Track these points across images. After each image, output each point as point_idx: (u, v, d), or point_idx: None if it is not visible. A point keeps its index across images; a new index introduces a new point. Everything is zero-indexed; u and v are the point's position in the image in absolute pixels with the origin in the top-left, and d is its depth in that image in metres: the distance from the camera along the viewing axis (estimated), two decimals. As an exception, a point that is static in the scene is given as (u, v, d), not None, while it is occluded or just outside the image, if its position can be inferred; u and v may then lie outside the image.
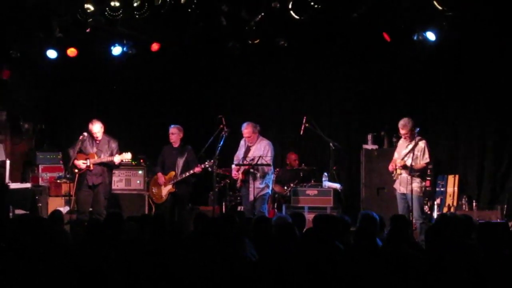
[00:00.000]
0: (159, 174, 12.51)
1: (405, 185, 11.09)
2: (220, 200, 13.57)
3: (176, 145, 12.52)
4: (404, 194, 11.13)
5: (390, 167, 11.34)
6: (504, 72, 12.87)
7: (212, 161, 11.96)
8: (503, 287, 5.76)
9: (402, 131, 11.22)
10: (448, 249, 6.25)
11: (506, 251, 6.29)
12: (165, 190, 12.46)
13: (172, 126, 12.57)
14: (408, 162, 10.99)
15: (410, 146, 11.08)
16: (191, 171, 12.24)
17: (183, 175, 12.31)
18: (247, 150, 12.13)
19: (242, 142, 12.30)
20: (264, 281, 5.86)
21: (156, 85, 15.37)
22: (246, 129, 12.10)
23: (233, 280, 5.87)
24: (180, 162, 12.40)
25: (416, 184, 10.97)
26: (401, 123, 11.19)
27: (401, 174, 11.17)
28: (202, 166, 12.11)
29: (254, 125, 12.12)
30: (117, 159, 12.08)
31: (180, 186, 12.41)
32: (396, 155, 11.36)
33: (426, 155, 11.08)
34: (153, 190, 12.74)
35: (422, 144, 11.08)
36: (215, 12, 12.43)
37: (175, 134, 12.47)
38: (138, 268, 6.18)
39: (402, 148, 11.28)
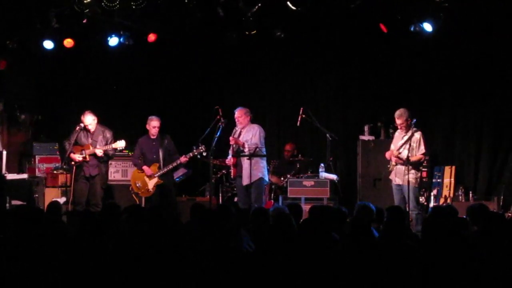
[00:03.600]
0: (145, 167, 12.37)
1: (400, 176, 11.16)
2: (216, 191, 13.58)
3: (154, 136, 12.48)
4: (399, 185, 11.23)
5: (387, 155, 11.39)
6: (501, 63, 12.89)
7: (200, 148, 11.93)
8: (500, 277, 5.78)
9: (397, 121, 11.27)
10: (444, 240, 6.27)
11: (502, 242, 6.32)
12: (152, 183, 12.35)
13: (154, 117, 12.44)
14: (404, 153, 11.04)
15: (406, 137, 11.12)
16: (177, 162, 12.22)
17: (169, 167, 12.27)
18: (239, 134, 12.09)
19: (234, 130, 12.26)
20: (261, 272, 5.87)
21: (153, 76, 15.34)
22: (238, 111, 12.08)
23: (230, 271, 5.88)
24: (162, 153, 12.34)
25: (412, 175, 11.01)
26: (397, 113, 11.25)
27: (396, 165, 11.21)
28: (190, 154, 12.09)
29: (246, 110, 12.12)
30: (98, 151, 12.07)
31: (164, 177, 12.37)
32: (392, 146, 11.42)
33: (422, 146, 11.15)
34: (137, 185, 12.50)
35: (417, 135, 11.13)
36: (212, 3, 12.41)
37: (158, 127, 12.38)
38: (136, 259, 6.19)
39: (398, 139, 11.34)
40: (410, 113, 11.23)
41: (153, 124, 12.36)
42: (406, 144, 11.05)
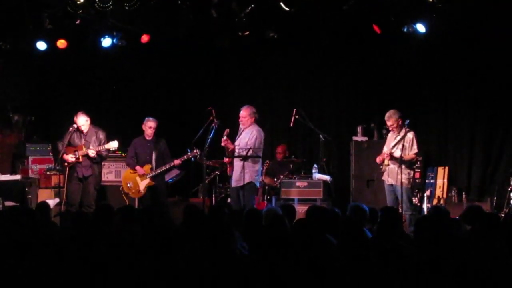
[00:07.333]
0: (138, 167, 12.36)
1: (393, 176, 11.19)
2: (210, 192, 13.56)
3: (150, 137, 12.47)
4: (392, 186, 11.26)
5: (378, 159, 11.41)
6: (494, 64, 12.90)
7: (195, 151, 11.90)
8: (494, 279, 5.78)
9: (388, 123, 11.33)
10: (438, 241, 6.27)
11: (496, 243, 6.32)
12: (143, 184, 12.34)
13: (150, 119, 12.44)
14: (397, 153, 11.07)
15: (398, 138, 11.15)
16: (171, 164, 12.19)
17: (162, 168, 12.26)
18: (240, 134, 11.97)
19: (239, 128, 12.04)
20: (254, 273, 5.86)
21: (146, 77, 15.32)
22: (243, 110, 11.84)
23: (223, 273, 5.87)
24: (155, 155, 12.32)
25: (404, 176, 11.04)
26: (387, 115, 11.33)
27: (389, 165, 11.24)
28: (184, 157, 12.07)
29: (252, 110, 11.86)
30: (91, 152, 12.05)
31: (156, 179, 12.37)
32: (385, 148, 11.44)
33: (415, 146, 11.20)
34: (128, 185, 12.50)
35: (410, 135, 11.18)
36: (205, 4, 12.41)
37: (154, 128, 12.39)
38: (128, 260, 6.18)
39: (391, 140, 11.38)
40: (400, 113, 11.27)
41: (149, 125, 12.37)
42: (398, 144, 11.08)
